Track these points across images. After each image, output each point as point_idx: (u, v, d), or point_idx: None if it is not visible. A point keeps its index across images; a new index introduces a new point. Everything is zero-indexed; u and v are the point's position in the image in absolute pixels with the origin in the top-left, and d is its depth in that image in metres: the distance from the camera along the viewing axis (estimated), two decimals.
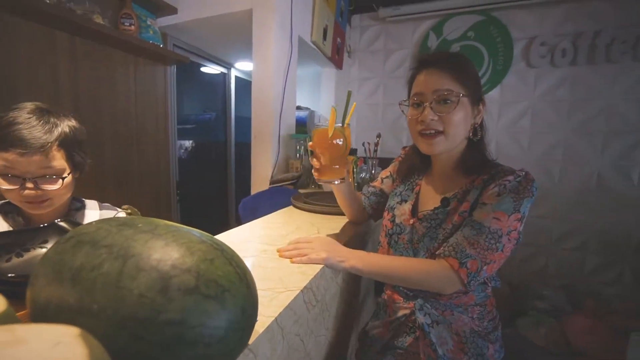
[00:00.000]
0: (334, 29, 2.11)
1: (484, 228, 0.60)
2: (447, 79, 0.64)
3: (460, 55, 0.70)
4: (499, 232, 0.60)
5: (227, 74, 2.50)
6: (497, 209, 0.61)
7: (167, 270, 0.27)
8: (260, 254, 0.59)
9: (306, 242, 0.63)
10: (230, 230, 0.75)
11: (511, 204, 0.61)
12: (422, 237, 0.70)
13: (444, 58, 0.68)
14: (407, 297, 0.75)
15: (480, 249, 0.59)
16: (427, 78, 0.66)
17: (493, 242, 0.60)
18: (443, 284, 0.61)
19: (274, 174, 1.52)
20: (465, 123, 0.66)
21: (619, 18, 1.89)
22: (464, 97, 0.64)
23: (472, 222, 0.62)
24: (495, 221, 0.60)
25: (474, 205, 0.65)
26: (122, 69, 1.59)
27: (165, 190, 1.96)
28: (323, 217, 0.90)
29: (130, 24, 1.48)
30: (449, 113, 0.64)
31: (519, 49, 2.14)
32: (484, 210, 0.62)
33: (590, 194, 2.04)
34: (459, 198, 0.68)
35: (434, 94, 0.64)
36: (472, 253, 0.59)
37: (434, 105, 0.65)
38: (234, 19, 1.62)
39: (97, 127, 1.48)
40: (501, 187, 0.62)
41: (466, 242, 0.60)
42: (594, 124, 2.02)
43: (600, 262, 2.04)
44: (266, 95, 1.52)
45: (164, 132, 1.91)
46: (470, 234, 0.61)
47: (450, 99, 0.64)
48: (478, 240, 0.60)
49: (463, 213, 0.65)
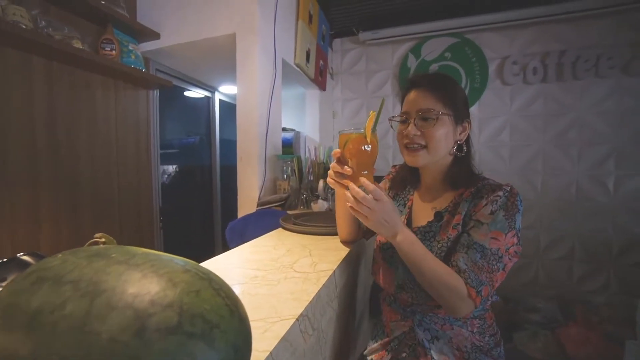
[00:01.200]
0: (316, 52, 2.17)
1: (486, 250, 0.62)
2: (430, 99, 0.69)
3: (446, 77, 0.74)
4: (498, 253, 0.62)
5: (211, 98, 2.50)
6: (493, 229, 0.63)
7: (145, 308, 0.23)
8: (250, 280, 0.55)
9: (371, 203, 0.61)
10: (217, 257, 0.70)
11: (505, 222, 0.64)
12: None
13: (430, 80, 0.72)
14: (405, 314, 0.73)
15: (488, 273, 0.61)
16: (414, 97, 0.72)
17: (495, 262, 0.62)
18: (459, 307, 0.61)
19: (261, 195, 1.48)
20: (446, 139, 0.70)
21: (580, 40, 2.04)
22: (444, 116, 0.68)
23: (474, 244, 0.63)
24: (493, 241, 0.63)
25: (465, 219, 0.67)
26: (103, 94, 1.55)
27: (147, 217, 1.87)
28: (314, 238, 0.87)
29: (111, 49, 1.46)
30: (429, 129, 0.68)
31: (493, 67, 2.25)
32: (482, 230, 0.64)
33: (571, 203, 2.11)
34: (451, 211, 0.70)
35: (417, 112, 0.69)
36: (484, 279, 0.61)
37: (417, 121, 0.70)
38: (217, 43, 1.63)
39: (73, 152, 1.41)
40: (494, 205, 0.65)
41: (476, 268, 0.62)
42: (568, 136, 2.11)
43: (587, 270, 2.07)
44: (251, 118, 1.51)
45: (146, 157, 1.86)
46: (476, 258, 0.62)
47: (430, 117, 0.68)
48: (484, 265, 0.62)
49: (456, 226, 0.67)
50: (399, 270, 0.71)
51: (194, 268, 0.30)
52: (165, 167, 2.20)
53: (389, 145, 2.49)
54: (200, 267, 0.31)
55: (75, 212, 1.43)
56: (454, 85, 0.73)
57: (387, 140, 2.50)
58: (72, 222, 1.41)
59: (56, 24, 1.28)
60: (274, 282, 0.54)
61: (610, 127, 2.03)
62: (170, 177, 2.27)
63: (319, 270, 0.61)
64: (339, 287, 0.67)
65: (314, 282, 0.54)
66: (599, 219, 2.05)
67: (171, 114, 2.26)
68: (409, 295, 0.70)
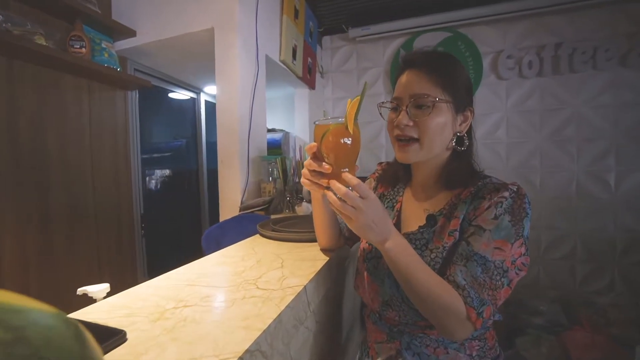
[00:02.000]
0: (303, 49, 2.08)
1: (488, 263, 0.53)
2: (425, 82, 0.58)
3: (447, 55, 0.63)
4: (503, 266, 0.53)
5: (196, 99, 2.41)
6: (497, 237, 0.53)
7: None
8: (200, 302, 0.46)
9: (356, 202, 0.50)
10: (175, 270, 0.61)
11: (511, 229, 0.54)
12: None
13: (426, 59, 0.61)
14: (392, 334, 0.63)
15: (490, 290, 0.52)
16: (407, 80, 0.61)
17: (499, 277, 0.52)
18: (456, 330, 0.51)
19: (243, 199, 1.39)
20: (443, 131, 0.59)
21: (575, 32, 1.97)
22: (442, 103, 0.58)
23: (475, 255, 0.53)
24: (497, 252, 0.53)
25: (464, 224, 0.57)
26: (74, 95, 1.45)
27: (128, 224, 1.77)
28: (291, 246, 0.78)
29: (80, 46, 1.37)
30: (423, 119, 0.58)
31: (488, 62, 2.18)
32: (484, 239, 0.54)
33: (571, 201, 2.03)
34: (446, 214, 0.60)
35: (409, 98, 0.59)
36: (486, 298, 0.51)
37: (410, 109, 0.59)
38: (196, 39, 1.54)
39: (40, 159, 1.32)
40: (498, 208, 0.55)
41: (477, 285, 0.52)
42: (565, 132, 2.04)
43: (590, 270, 1.99)
44: (232, 117, 1.42)
45: (125, 162, 1.76)
46: (477, 272, 0.52)
47: (424, 104, 0.58)
48: (486, 280, 0.52)
49: (453, 232, 0.57)
50: (385, 284, 0.61)
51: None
52: (149, 172, 2.10)
53: (382, 145, 2.41)
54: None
55: (45, 222, 1.33)
56: (454, 65, 0.62)
57: (379, 139, 2.41)
58: (41, 232, 1.31)
59: (17, 19, 1.19)
60: (227, 303, 0.45)
61: (608, 122, 1.95)
62: (155, 182, 2.17)
63: (286, 286, 0.51)
64: (314, 304, 0.58)
65: (276, 303, 0.45)
66: (600, 217, 1.97)
67: (155, 117, 2.16)
68: (396, 314, 0.60)
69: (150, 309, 0.44)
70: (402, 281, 0.53)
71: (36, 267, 1.28)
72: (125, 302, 0.47)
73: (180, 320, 0.41)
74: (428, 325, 0.58)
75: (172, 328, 0.38)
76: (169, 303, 0.46)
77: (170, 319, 0.41)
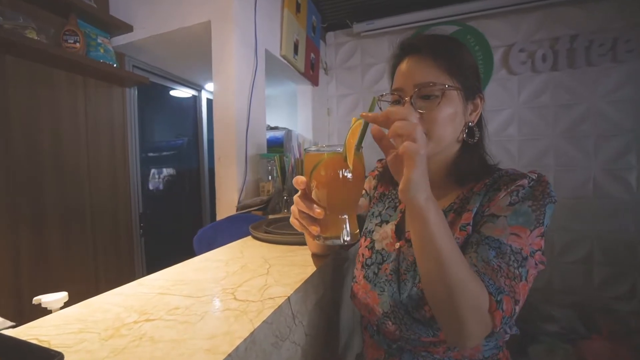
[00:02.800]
0: (306, 44, 2.02)
1: (503, 246, 0.45)
2: (431, 69, 0.52)
3: (451, 39, 0.57)
4: (522, 253, 0.45)
5: (197, 97, 2.37)
6: (514, 223, 0.46)
7: None
8: (166, 314, 0.40)
9: (418, 132, 0.38)
10: (152, 275, 0.56)
11: (531, 214, 0.47)
12: (412, 265, 0.53)
13: (429, 43, 0.54)
14: (390, 351, 0.56)
15: (507, 278, 0.43)
16: (408, 68, 0.54)
17: (516, 265, 0.44)
18: (473, 330, 0.40)
19: (241, 199, 1.34)
20: (454, 122, 0.53)
21: (592, 23, 1.87)
22: (451, 90, 0.52)
23: (487, 238, 0.46)
24: (514, 238, 0.45)
25: (477, 218, 0.51)
26: (68, 91, 1.42)
27: (125, 224, 1.74)
28: (283, 250, 0.72)
29: (74, 41, 1.33)
30: (432, 110, 0.51)
31: (498, 56, 2.08)
32: (497, 225, 0.46)
33: (588, 201, 1.92)
34: (457, 209, 0.54)
35: (414, 88, 0.52)
36: (502, 286, 0.42)
37: (416, 100, 0.52)
38: (193, 33, 1.49)
39: (33, 157, 1.28)
40: (514, 195, 0.48)
41: (490, 270, 0.43)
42: (581, 128, 1.93)
43: (609, 275, 1.87)
44: (229, 112, 1.37)
45: (123, 160, 1.73)
46: (489, 256, 0.44)
47: (433, 94, 0.51)
48: (501, 265, 0.43)
49: (465, 227, 0.50)
50: (386, 293, 0.54)
51: None
52: (148, 171, 2.07)
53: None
54: None
55: (38, 223, 1.29)
56: (460, 48, 0.55)
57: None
58: (34, 233, 1.28)
59: (9, 12, 1.16)
60: (195, 317, 0.39)
61: (629, 117, 1.84)
62: (155, 181, 2.14)
63: (267, 297, 0.45)
64: (302, 315, 0.51)
65: (251, 317, 0.39)
66: (620, 218, 1.85)
67: (155, 115, 2.13)
68: (397, 327, 0.53)
69: (107, 322, 0.39)
70: (430, 254, 0.41)
71: (28, 269, 1.24)
72: (82, 314, 0.41)
73: (135, 338, 0.35)
74: (433, 342, 0.51)
75: (123, 349, 0.33)
76: (130, 316, 0.40)
77: (125, 337, 0.35)
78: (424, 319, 0.49)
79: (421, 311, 0.49)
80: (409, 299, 0.51)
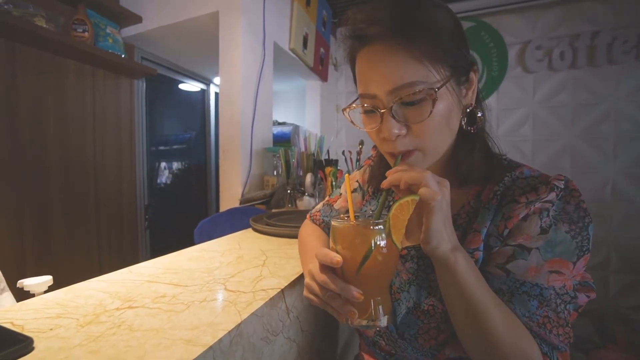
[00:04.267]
0: (315, 39, 1.99)
1: (546, 291, 0.36)
2: (406, 61, 0.37)
3: (419, 4, 0.39)
4: (569, 293, 0.37)
5: (206, 90, 2.36)
6: (551, 256, 0.37)
7: None
8: (151, 302, 0.38)
9: (437, 184, 0.35)
10: (142, 263, 0.53)
11: (570, 243, 0.37)
12: (407, 285, 0.45)
13: (391, 18, 0.38)
14: None
15: (558, 327, 0.36)
16: (374, 67, 0.39)
17: (563, 306, 0.37)
18: None
19: (244, 192, 1.32)
20: (450, 120, 0.41)
21: (616, 19, 1.78)
22: (440, 86, 0.38)
23: (522, 286, 0.37)
24: (555, 277, 0.37)
25: (490, 241, 0.41)
26: (77, 81, 1.42)
27: (130, 216, 1.74)
28: (283, 242, 0.69)
29: (83, 31, 1.33)
30: (422, 122, 0.38)
31: (514, 53, 2.01)
32: (530, 262, 0.37)
33: (605, 205, 1.84)
34: (461, 224, 0.44)
35: (391, 95, 0.38)
36: (555, 342, 0.36)
37: (397, 110, 0.39)
38: (201, 24, 1.48)
39: (40, 146, 1.29)
40: (544, 217, 0.38)
41: (535, 325, 0.36)
42: (601, 129, 1.85)
43: (626, 283, 1.79)
44: (234, 105, 1.35)
45: (130, 153, 1.73)
46: (531, 309, 0.36)
47: (416, 99, 0.38)
48: (548, 315, 0.36)
49: (474, 252, 0.40)
50: None
51: None
52: (155, 164, 2.07)
53: None
54: None
55: (44, 212, 1.30)
56: (432, 8, 0.39)
57: None
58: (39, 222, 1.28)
59: (19, 1, 1.17)
60: (181, 306, 0.37)
61: None
62: (161, 174, 2.14)
63: (259, 288, 0.42)
64: (297, 310, 0.48)
65: (240, 309, 0.36)
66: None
67: (163, 108, 2.13)
68: (391, 348, 0.48)
69: (88, 309, 0.36)
70: (463, 309, 0.36)
71: (33, 258, 1.25)
72: (64, 299, 0.39)
73: (114, 325, 0.32)
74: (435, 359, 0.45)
75: (99, 336, 0.30)
76: (113, 302, 0.38)
77: (104, 324, 0.33)
78: (422, 348, 0.43)
79: (419, 339, 0.43)
80: (404, 326, 0.44)
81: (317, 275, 0.37)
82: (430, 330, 0.42)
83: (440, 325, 0.41)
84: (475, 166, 0.44)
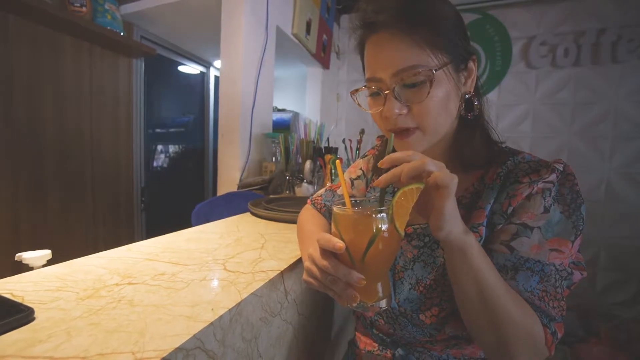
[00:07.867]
0: (319, 25, 1.95)
1: (547, 267, 0.39)
2: (409, 47, 0.41)
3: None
4: (567, 269, 0.40)
5: (205, 74, 2.32)
6: (551, 235, 0.40)
7: None
8: (151, 279, 0.38)
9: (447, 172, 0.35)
10: (141, 242, 0.53)
11: (567, 222, 0.40)
12: (411, 263, 0.47)
13: (397, 8, 0.42)
14: (384, 344, 0.53)
15: (555, 301, 0.39)
16: (380, 50, 0.43)
17: (560, 281, 0.40)
18: (528, 358, 0.38)
19: (242, 177, 1.31)
20: (448, 104, 0.44)
21: (623, 17, 1.77)
22: (439, 70, 0.42)
23: (526, 262, 0.39)
24: (554, 255, 0.39)
25: (494, 218, 0.43)
26: (73, 58, 1.39)
27: (127, 197, 1.73)
28: (282, 227, 0.69)
29: (81, 5, 1.29)
30: (422, 102, 0.42)
31: (518, 48, 1.99)
32: (533, 240, 0.40)
33: (598, 204, 1.86)
34: (466, 204, 0.46)
35: (394, 77, 0.42)
36: (553, 314, 0.38)
37: (399, 92, 0.43)
38: (203, 4, 1.44)
39: (35, 123, 1.26)
40: (547, 197, 0.41)
41: (536, 299, 0.38)
42: (599, 128, 1.86)
43: (613, 280, 1.83)
44: (235, 88, 1.33)
45: (127, 133, 1.71)
46: (532, 284, 0.39)
47: (417, 81, 0.41)
48: (547, 289, 0.39)
49: (477, 227, 0.43)
50: None
51: None
52: (153, 146, 2.05)
53: None
54: None
55: (38, 192, 1.29)
56: (434, 4, 0.43)
57: None
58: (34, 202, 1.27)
59: None
60: (181, 284, 0.37)
61: None
62: (159, 157, 2.13)
63: (259, 269, 0.43)
64: (295, 293, 0.49)
65: (239, 289, 0.36)
66: (631, 223, 1.79)
67: (162, 90, 2.10)
68: (390, 327, 0.50)
69: (87, 283, 0.36)
70: (476, 292, 0.37)
71: (28, 235, 1.24)
72: (63, 273, 0.39)
73: (114, 300, 0.32)
74: (430, 341, 0.47)
75: (99, 310, 0.30)
76: (112, 278, 0.38)
77: (104, 298, 0.33)
78: (423, 325, 0.45)
79: (420, 316, 0.45)
80: (407, 302, 0.46)
81: (318, 260, 0.38)
82: (432, 307, 0.45)
83: (443, 302, 0.44)
84: (476, 151, 0.47)
